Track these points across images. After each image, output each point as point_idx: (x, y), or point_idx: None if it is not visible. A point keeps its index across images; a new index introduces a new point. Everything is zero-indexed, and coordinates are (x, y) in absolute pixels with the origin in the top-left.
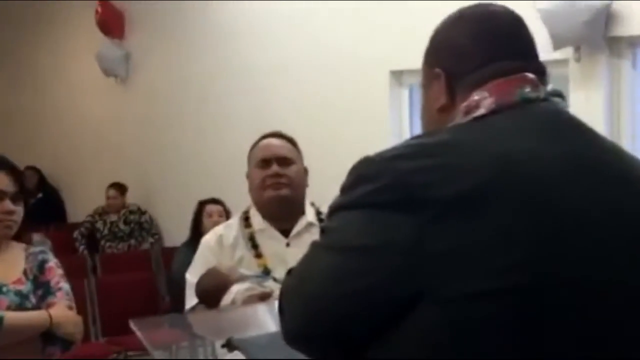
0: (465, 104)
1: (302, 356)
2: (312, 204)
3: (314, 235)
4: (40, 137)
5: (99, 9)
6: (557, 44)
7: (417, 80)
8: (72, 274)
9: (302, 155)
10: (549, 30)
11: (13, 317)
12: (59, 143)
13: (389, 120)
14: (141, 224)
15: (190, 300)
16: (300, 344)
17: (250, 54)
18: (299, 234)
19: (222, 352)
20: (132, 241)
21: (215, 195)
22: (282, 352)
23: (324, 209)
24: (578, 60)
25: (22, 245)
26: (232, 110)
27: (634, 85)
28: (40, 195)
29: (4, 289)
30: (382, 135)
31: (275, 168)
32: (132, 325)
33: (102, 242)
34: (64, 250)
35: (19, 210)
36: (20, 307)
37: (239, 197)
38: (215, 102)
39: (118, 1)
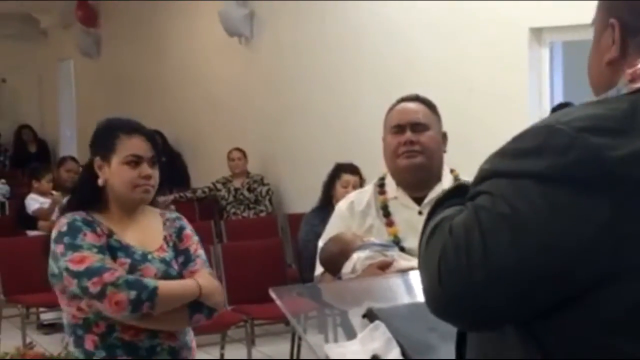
0: (630, 71)
1: (445, 326)
2: (452, 171)
3: None
4: (163, 102)
5: None
6: None
7: (557, 38)
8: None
9: (441, 118)
10: None
11: (166, 286)
12: (182, 108)
13: (527, 80)
14: (264, 194)
15: (318, 267)
16: (457, 315)
17: (383, 11)
18: (432, 201)
19: (361, 323)
20: (257, 208)
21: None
22: (423, 323)
23: (464, 177)
24: None
25: (157, 211)
26: (362, 71)
27: None
28: (163, 159)
29: (149, 257)
30: (521, 94)
31: (408, 135)
32: (272, 293)
33: (227, 209)
34: (191, 216)
35: (156, 175)
36: (165, 275)
37: (369, 166)
38: (344, 64)
39: None
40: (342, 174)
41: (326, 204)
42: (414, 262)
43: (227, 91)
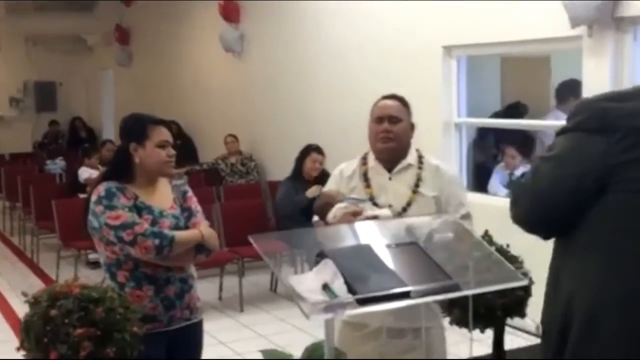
0: None
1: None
2: (417, 150)
3: (411, 173)
4: (179, 100)
5: (222, 2)
6: (574, 23)
7: (464, 53)
8: (204, 200)
9: (411, 112)
10: (567, 12)
11: (180, 235)
12: (192, 104)
13: (441, 86)
14: (253, 167)
15: (315, 216)
16: (532, 225)
17: (335, 32)
18: (399, 171)
19: (316, 260)
20: (247, 177)
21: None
22: (361, 260)
23: (430, 159)
24: (590, 36)
25: (165, 180)
26: (323, 79)
27: (634, 55)
28: (179, 142)
29: (164, 213)
30: (435, 97)
31: (386, 125)
32: (251, 239)
33: (226, 178)
34: (198, 183)
35: (174, 154)
36: (177, 226)
37: (330, 147)
38: (310, 74)
39: None
40: (311, 152)
41: (297, 175)
42: (378, 211)
43: (225, 92)
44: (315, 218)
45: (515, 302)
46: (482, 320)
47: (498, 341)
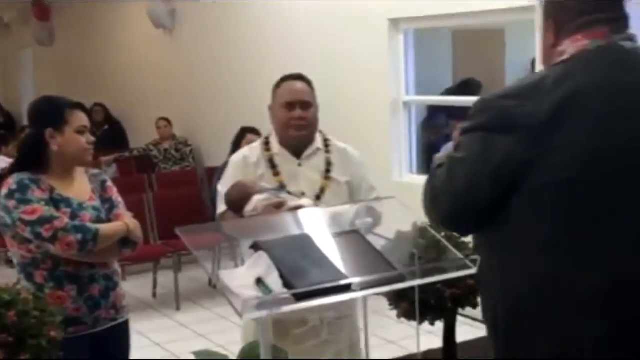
0: (560, 48)
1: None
2: (321, 132)
3: (320, 158)
4: (105, 80)
5: None
6: None
7: (411, 26)
8: (135, 190)
9: (315, 92)
10: None
11: (104, 229)
12: (120, 85)
13: (387, 60)
14: (188, 153)
15: (220, 207)
16: (451, 224)
17: (275, 10)
18: (308, 157)
19: (249, 252)
20: (183, 164)
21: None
22: (297, 252)
23: (330, 137)
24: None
25: (82, 169)
26: (260, 56)
27: None
28: (106, 126)
29: (84, 205)
30: (382, 72)
31: (299, 112)
32: (177, 231)
33: (159, 165)
34: (129, 171)
35: (93, 141)
36: (98, 219)
37: (267, 128)
38: (246, 50)
39: None
40: (247, 134)
41: None
42: (300, 201)
43: (156, 72)
44: (220, 210)
45: (465, 291)
46: (431, 312)
47: (449, 333)
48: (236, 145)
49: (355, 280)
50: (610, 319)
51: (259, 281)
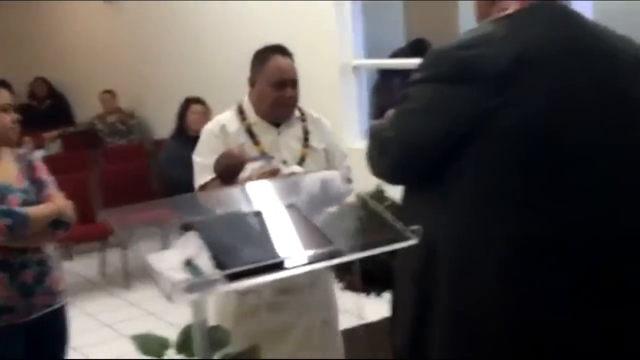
0: (502, 4)
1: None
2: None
3: (298, 127)
4: (47, 52)
5: None
6: None
7: None
8: (81, 165)
9: None
10: None
11: (34, 212)
12: (63, 57)
13: (335, 27)
14: (135, 125)
15: (201, 178)
16: (400, 175)
17: None
18: (287, 126)
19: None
20: (129, 137)
21: (194, 95)
22: (229, 231)
23: (308, 111)
24: None
25: (8, 150)
26: (208, 25)
27: None
28: (49, 101)
29: (11, 188)
30: (331, 40)
31: (290, 92)
32: (102, 215)
33: (105, 139)
34: (74, 146)
35: (17, 119)
36: (27, 202)
37: (213, 97)
38: (195, 18)
39: None
40: (191, 104)
41: (180, 132)
42: (293, 168)
43: (99, 43)
44: (203, 181)
45: None
46: (377, 284)
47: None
48: (181, 118)
49: (289, 257)
50: (565, 265)
51: (189, 263)
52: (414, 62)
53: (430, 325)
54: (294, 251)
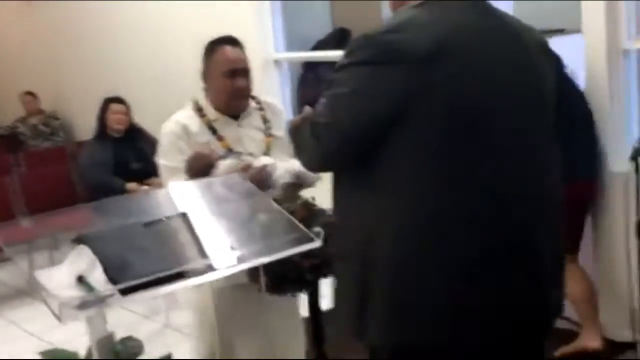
0: None
1: (140, 243)
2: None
3: (256, 116)
4: None
5: None
6: None
7: None
8: (0, 170)
9: None
10: None
11: None
12: None
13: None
14: (58, 127)
15: (171, 180)
16: (334, 161)
17: None
18: (245, 117)
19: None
20: (53, 140)
21: (115, 94)
22: (122, 243)
23: (263, 98)
24: None
25: None
26: (130, 22)
27: None
28: None
29: None
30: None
31: (243, 82)
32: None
33: (28, 142)
34: None
35: None
36: None
37: (133, 96)
38: (107, 15)
39: None
40: (110, 104)
41: (101, 133)
42: (264, 159)
43: (18, 43)
44: (131, 186)
45: (325, 260)
46: (292, 285)
47: (312, 304)
48: (101, 118)
49: (184, 268)
50: (497, 240)
51: (81, 279)
52: (335, 54)
53: (373, 302)
54: (183, 262)
